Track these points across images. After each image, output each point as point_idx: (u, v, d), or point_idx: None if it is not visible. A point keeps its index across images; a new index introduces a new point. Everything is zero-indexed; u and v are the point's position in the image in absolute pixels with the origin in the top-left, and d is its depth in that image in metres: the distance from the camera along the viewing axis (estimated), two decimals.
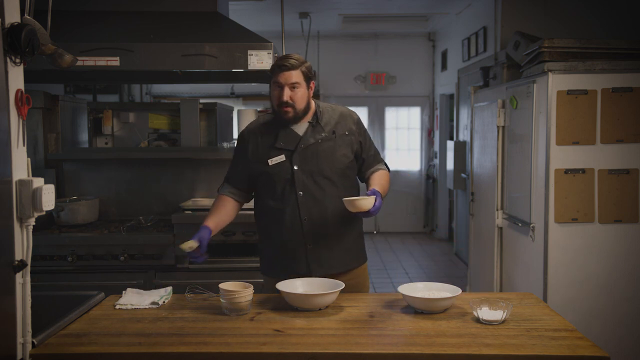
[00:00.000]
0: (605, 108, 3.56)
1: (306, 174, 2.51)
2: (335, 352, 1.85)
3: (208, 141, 4.31)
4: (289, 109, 2.47)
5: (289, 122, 2.52)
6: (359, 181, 2.72)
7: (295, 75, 2.45)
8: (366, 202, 2.38)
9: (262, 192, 2.61)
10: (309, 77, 2.51)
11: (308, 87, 2.52)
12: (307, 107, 2.54)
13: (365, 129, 2.68)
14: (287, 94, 2.45)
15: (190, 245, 2.36)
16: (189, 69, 3.50)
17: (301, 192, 2.50)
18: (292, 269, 2.55)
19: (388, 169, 2.72)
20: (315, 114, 2.57)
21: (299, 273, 2.52)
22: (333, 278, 2.50)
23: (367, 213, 2.39)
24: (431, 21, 8.20)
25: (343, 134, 2.57)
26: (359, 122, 2.64)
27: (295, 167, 2.51)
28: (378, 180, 2.59)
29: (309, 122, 2.56)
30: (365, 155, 2.64)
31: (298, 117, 2.51)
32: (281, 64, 2.45)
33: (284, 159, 2.52)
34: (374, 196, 2.39)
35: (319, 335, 1.98)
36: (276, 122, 2.57)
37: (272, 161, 2.53)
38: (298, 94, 2.47)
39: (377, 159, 2.69)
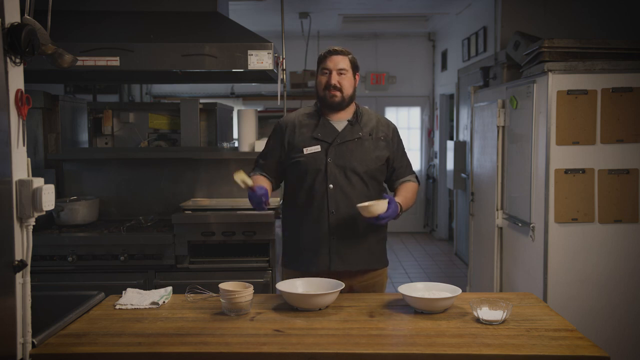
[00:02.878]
0: (605, 108, 3.56)
1: (339, 168, 2.55)
2: (335, 352, 1.85)
3: (208, 141, 4.31)
4: (337, 93, 2.55)
5: (334, 106, 2.57)
6: (388, 189, 2.75)
7: (344, 62, 2.55)
8: (378, 207, 2.39)
9: (292, 183, 2.64)
10: (355, 66, 2.61)
11: (354, 77, 2.60)
12: (353, 96, 2.61)
13: (401, 140, 2.73)
14: (335, 77, 2.53)
15: (243, 179, 2.38)
16: (189, 69, 3.51)
17: (332, 185, 2.54)
18: (313, 262, 2.57)
19: (418, 181, 2.76)
20: (356, 113, 2.63)
21: (319, 267, 2.55)
22: (352, 276, 2.57)
23: (378, 218, 2.41)
24: (431, 21, 8.20)
25: (379, 138, 2.62)
26: (395, 131, 2.70)
27: (329, 160, 2.55)
28: (403, 192, 2.64)
29: (348, 120, 2.61)
30: (396, 165, 2.68)
31: (344, 104, 2.58)
32: (331, 49, 2.55)
33: (320, 150, 2.56)
34: (386, 200, 2.42)
35: (319, 335, 1.98)
36: (316, 115, 2.64)
37: (307, 150, 2.57)
38: (345, 80, 2.55)
39: (408, 171, 2.73)
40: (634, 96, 3.54)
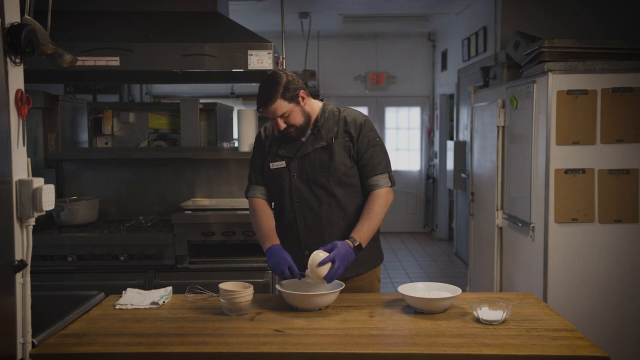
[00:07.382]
0: (605, 108, 3.56)
1: (303, 182, 2.50)
2: (335, 352, 1.85)
3: (208, 141, 4.31)
4: (292, 130, 2.46)
5: (297, 137, 2.50)
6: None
7: (278, 107, 2.38)
8: (314, 266, 2.24)
9: (272, 193, 2.62)
10: (293, 95, 2.39)
11: (298, 103, 2.42)
12: (308, 118, 2.48)
13: (370, 134, 2.51)
14: (281, 123, 2.43)
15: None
16: (189, 69, 3.50)
17: (298, 200, 2.50)
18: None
19: (392, 182, 2.52)
20: (317, 120, 2.51)
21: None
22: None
23: (333, 266, 2.26)
24: (431, 21, 8.20)
25: (343, 139, 2.49)
26: (362, 126, 2.49)
27: (294, 175, 2.51)
28: (364, 214, 2.44)
29: (310, 129, 2.52)
30: (362, 163, 2.50)
31: (305, 130, 2.49)
32: (260, 103, 2.40)
33: (284, 165, 2.52)
34: (318, 251, 2.28)
35: (319, 335, 1.98)
36: None
37: (273, 165, 2.54)
38: (291, 118, 2.42)
39: (374, 170, 2.49)
40: (634, 96, 3.54)
